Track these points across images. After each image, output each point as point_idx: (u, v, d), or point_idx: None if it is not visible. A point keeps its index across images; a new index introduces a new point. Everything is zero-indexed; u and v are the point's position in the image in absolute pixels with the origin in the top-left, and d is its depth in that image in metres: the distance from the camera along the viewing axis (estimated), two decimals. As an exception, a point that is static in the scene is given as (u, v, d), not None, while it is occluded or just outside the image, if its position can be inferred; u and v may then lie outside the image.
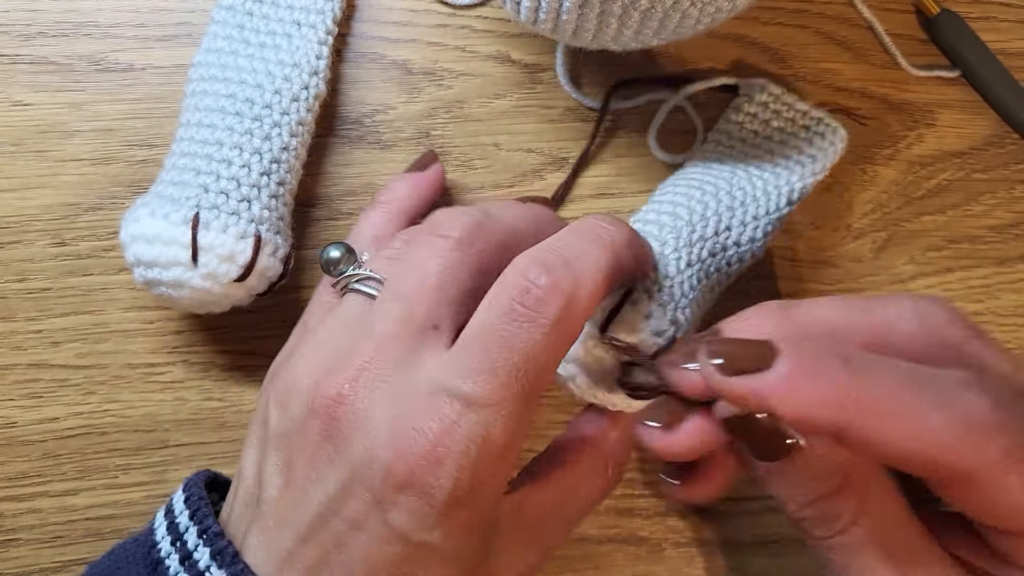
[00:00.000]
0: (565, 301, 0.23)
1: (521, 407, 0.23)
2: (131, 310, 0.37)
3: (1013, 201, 0.41)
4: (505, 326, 0.23)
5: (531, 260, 0.24)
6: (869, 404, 0.20)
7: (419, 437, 0.22)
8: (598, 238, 0.25)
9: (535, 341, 0.23)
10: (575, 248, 0.24)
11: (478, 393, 0.22)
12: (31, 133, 0.38)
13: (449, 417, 0.22)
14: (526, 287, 0.23)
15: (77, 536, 0.36)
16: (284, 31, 0.37)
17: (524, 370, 0.23)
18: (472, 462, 0.22)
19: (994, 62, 0.41)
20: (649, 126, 0.40)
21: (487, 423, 0.22)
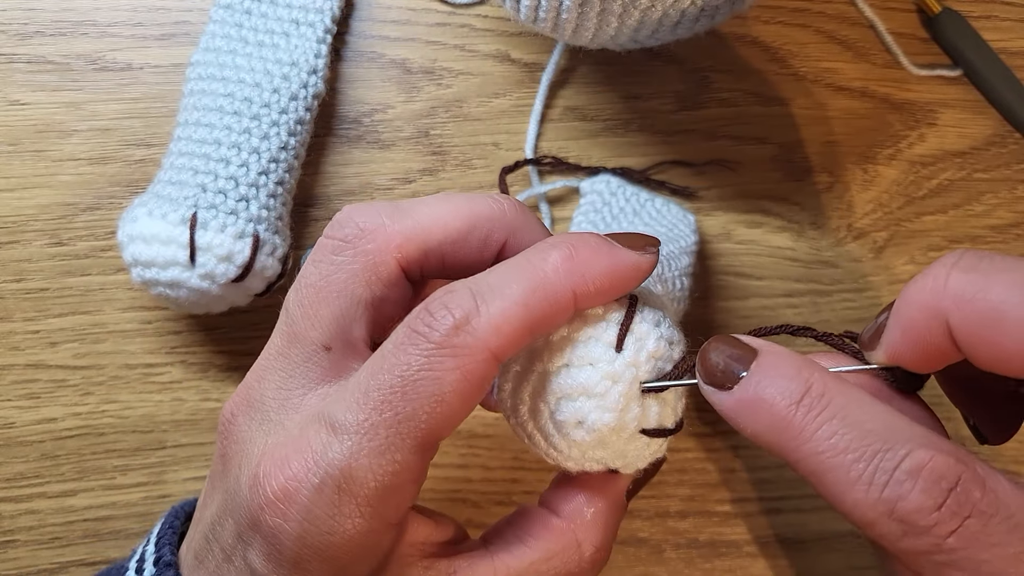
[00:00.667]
0: (454, 325, 0.20)
1: (396, 439, 0.19)
2: (129, 310, 0.37)
3: (1015, 201, 0.41)
4: (390, 351, 0.20)
5: (442, 289, 0.21)
6: (979, 304, 0.20)
7: (277, 470, 0.20)
8: (529, 265, 0.21)
9: (415, 364, 0.20)
10: (495, 275, 0.21)
11: (345, 419, 0.20)
12: (29, 133, 0.38)
13: (313, 447, 0.20)
14: (419, 313, 0.20)
15: (75, 537, 0.36)
16: (282, 30, 0.36)
17: (401, 394, 0.19)
18: (330, 500, 0.19)
19: (996, 61, 0.41)
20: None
21: (351, 453, 0.19)
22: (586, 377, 0.22)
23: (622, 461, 0.23)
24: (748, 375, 0.21)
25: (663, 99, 0.40)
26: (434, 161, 0.39)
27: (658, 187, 0.39)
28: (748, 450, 0.37)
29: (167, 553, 0.24)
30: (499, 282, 0.21)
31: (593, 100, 0.40)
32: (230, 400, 0.23)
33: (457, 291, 0.21)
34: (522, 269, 0.21)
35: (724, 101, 0.40)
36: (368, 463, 0.19)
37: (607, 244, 0.22)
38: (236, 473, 0.21)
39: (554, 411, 0.22)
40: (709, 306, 0.39)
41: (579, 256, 0.21)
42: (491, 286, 0.21)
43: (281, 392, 0.22)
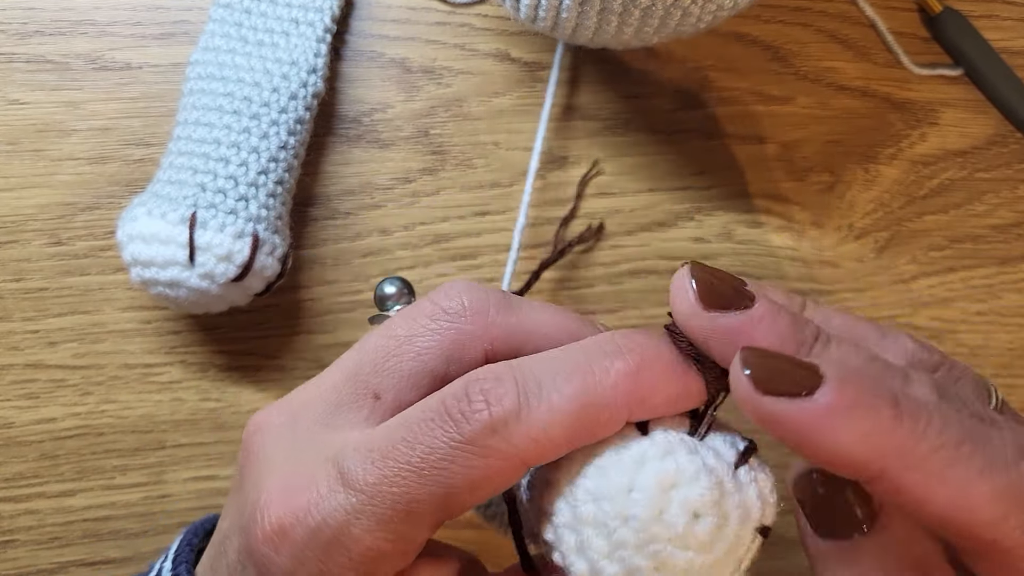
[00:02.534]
0: (490, 425, 0.19)
1: (401, 515, 0.19)
2: (128, 310, 0.37)
3: (1016, 200, 0.41)
4: (421, 422, 0.19)
5: (487, 370, 0.20)
6: (913, 457, 0.18)
7: (280, 502, 0.20)
8: (588, 372, 0.19)
9: (439, 451, 0.19)
10: (547, 370, 0.20)
11: (357, 475, 0.19)
12: (28, 132, 0.38)
13: (320, 490, 0.19)
14: (457, 394, 0.19)
15: (75, 537, 0.36)
16: (282, 29, 0.36)
17: (417, 475, 0.19)
18: (321, 548, 0.19)
19: (997, 61, 0.41)
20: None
21: (354, 511, 0.19)
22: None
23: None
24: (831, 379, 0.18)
25: (663, 98, 0.40)
26: (434, 160, 0.39)
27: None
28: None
29: (183, 572, 0.24)
30: (550, 382, 0.19)
31: (593, 99, 0.40)
32: (261, 413, 0.23)
33: (503, 381, 0.19)
34: (579, 374, 0.19)
35: (724, 100, 0.40)
36: (367, 525, 0.19)
37: (679, 367, 0.20)
38: (248, 490, 0.21)
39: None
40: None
41: (644, 374, 0.19)
42: (540, 385, 0.19)
43: (318, 424, 0.22)
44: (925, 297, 0.39)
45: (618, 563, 0.19)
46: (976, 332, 0.39)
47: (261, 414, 0.22)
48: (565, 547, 0.20)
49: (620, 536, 0.19)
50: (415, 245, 0.38)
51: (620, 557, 0.19)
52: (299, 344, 0.37)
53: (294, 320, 0.37)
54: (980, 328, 0.39)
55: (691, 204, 0.39)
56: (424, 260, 0.38)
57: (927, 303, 0.39)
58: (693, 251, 0.39)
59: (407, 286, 0.27)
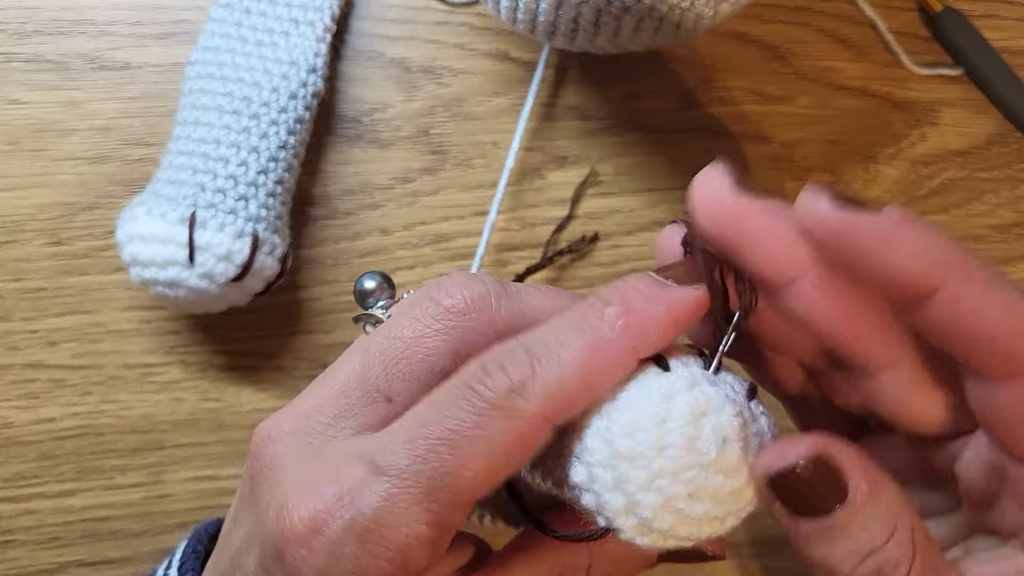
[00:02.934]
0: (510, 388, 0.19)
1: (437, 491, 0.19)
2: (128, 310, 0.37)
3: (1016, 200, 0.40)
4: (445, 400, 0.20)
5: (494, 348, 0.21)
6: (970, 270, 0.19)
7: (307, 500, 0.19)
8: (586, 325, 0.20)
9: (468, 421, 0.19)
10: (550, 334, 0.21)
11: (388, 460, 0.19)
12: (27, 132, 0.38)
13: (349, 482, 0.19)
14: (474, 370, 0.20)
15: (74, 537, 0.35)
16: (282, 29, 0.36)
17: (450, 447, 0.19)
18: (356, 542, 0.19)
19: (997, 60, 0.41)
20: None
21: (388, 496, 0.19)
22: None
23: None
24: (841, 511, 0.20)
25: (663, 98, 0.40)
26: (434, 160, 0.39)
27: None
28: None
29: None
30: (555, 343, 0.20)
31: (592, 99, 0.40)
32: (270, 420, 0.22)
33: (513, 351, 0.20)
34: (578, 329, 0.20)
35: (724, 100, 0.40)
36: (405, 509, 0.19)
37: (659, 286, 0.21)
38: (266, 500, 0.21)
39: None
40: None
41: (634, 307, 0.20)
42: (547, 346, 0.20)
43: (330, 428, 0.21)
44: (925, 297, 0.39)
45: (655, 492, 0.20)
46: (976, 332, 0.39)
47: (269, 423, 0.22)
48: (600, 485, 0.20)
49: (657, 466, 0.20)
50: (415, 245, 0.38)
51: (657, 487, 0.20)
52: (299, 344, 0.37)
53: (294, 320, 0.37)
54: (980, 328, 0.39)
55: (691, 204, 0.39)
56: (424, 260, 0.38)
57: (927, 303, 0.39)
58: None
59: (387, 280, 0.26)
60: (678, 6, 0.30)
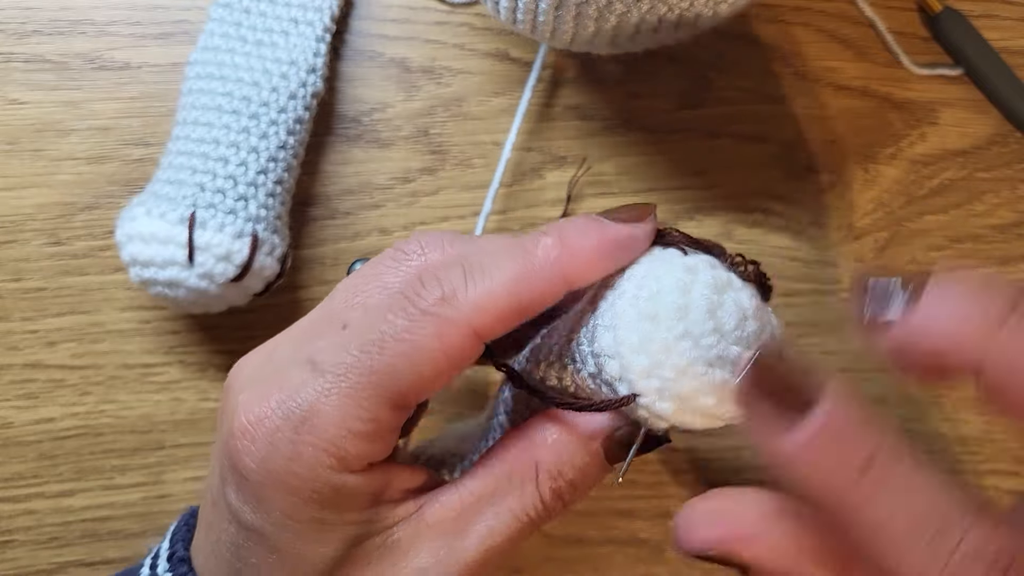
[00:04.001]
0: (441, 297, 0.21)
1: (367, 388, 0.20)
2: (127, 310, 0.37)
3: (1016, 200, 0.40)
4: (382, 307, 0.21)
5: (431, 262, 0.23)
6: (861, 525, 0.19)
7: (254, 402, 0.21)
8: (521, 250, 0.22)
9: (399, 326, 0.21)
10: (488, 253, 0.22)
11: (326, 360, 0.21)
12: (27, 132, 0.38)
13: (291, 383, 0.21)
14: (410, 280, 0.22)
15: (74, 537, 0.35)
16: (281, 28, 0.36)
17: (379, 349, 0.20)
18: (291, 432, 0.20)
19: (997, 60, 0.41)
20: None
21: (323, 391, 0.20)
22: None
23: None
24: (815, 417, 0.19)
25: (663, 98, 0.40)
26: (433, 160, 0.39)
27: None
28: (749, 450, 0.37)
29: (180, 549, 0.24)
30: (491, 263, 0.22)
31: (592, 99, 0.40)
32: (242, 358, 0.24)
33: (451, 265, 0.22)
34: (514, 254, 0.22)
35: (724, 100, 0.40)
36: (337, 403, 0.20)
37: (595, 222, 0.22)
38: (226, 413, 0.22)
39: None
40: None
41: (568, 239, 0.22)
42: (483, 266, 0.21)
43: (291, 350, 0.23)
44: (925, 297, 0.39)
45: (677, 355, 0.21)
46: (976, 332, 0.39)
47: (242, 359, 0.24)
48: (626, 347, 0.21)
49: (681, 328, 0.21)
50: (414, 245, 0.38)
51: (681, 349, 0.21)
52: (298, 344, 0.37)
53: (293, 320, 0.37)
54: (980, 328, 0.39)
55: (691, 204, 0.39)
56: (423, 260, 0.38)
57: (927, 303, 0.39)
58: (693, 251, 0.39)
59: None
60: (677, 6, 0.30)
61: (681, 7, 0.30)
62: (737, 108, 0.40)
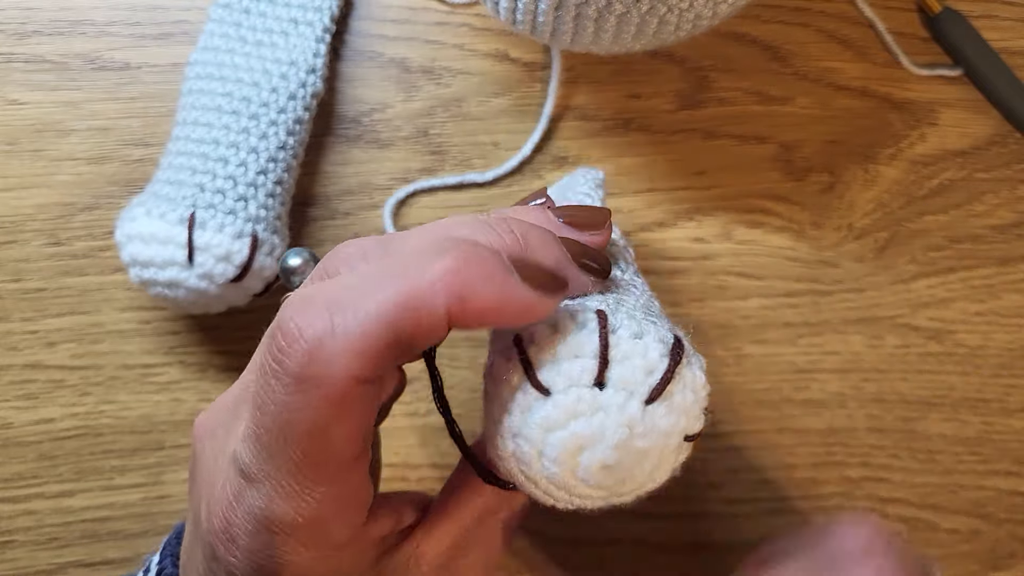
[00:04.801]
0: (307, 352, 0.18)
1: (302, 483, 0.19)
2: (127, 310, 0.37)
3: (1016, 200, 0.40)
4: (259, 383, 0.19)
5: (292, 299, 0.19)
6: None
7: (217, 508, 0.20)
8: (405, 272, 0.18)
9: (281, 402, 0.18)
10: (361, 277, 0.19)
11: (249, 466, 0.19)
12: (27, 132, 0.38)
13: (235, 490, 0.20)
14: (273, 333, 0.19)
15: (73, 538, 0.35)
16: (281, 29, 0.36)
17: (283, 439, 0.19)
18: (266, 542, 0.20)
19: (996, 60, 0.41)
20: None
21: (267, 500, 0.19)
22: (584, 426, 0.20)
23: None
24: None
25: (663, 99, 0.40)
26: (433, 160, 0.39)
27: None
28: (749, 451, 0.37)
29: (168, 565, 0.24)
30: (363, 288, 0.18)
31: (593, 99, 0.40)
32: (200, 416, 0.23)
33: (311, 302, 0.18)
34: (395, 275, 0.18)
35: (724, 100, 0.40)
36: (286, 507, 0.19)
37: (503, 272, 0.19)
38: (196, 495, 0.22)
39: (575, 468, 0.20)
40: (709, 306, 0.38)
41: (467, 273, 0.18)
42: (352, 295, 0.18)
43: (233, 423, 0.22)
44: (925, 297, 0.39)
45: (544, 481, 0.21)
46: (976, 332, 0.39)
47: (201, 417, 0.23)
48: (514, 459, 0.21)
49: (540, 471, 0.20)
50: (414, 245, 0.38)
51: (545, 478, 0.21)
52: (298, 344, 0.37)
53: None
54: (980, 328, 0.39)
55: (691, 204, 0.39)
56: (423, 260, 0.38)
57: (927, 303, 0.39)
58: (693, 251, 0.39)
59: (313, 257, 0.25)
60: (677, 6, 0.30)
61: (681, 7, 0.30)
62: (737, 108, 0.40)
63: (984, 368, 0.39)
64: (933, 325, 0.39)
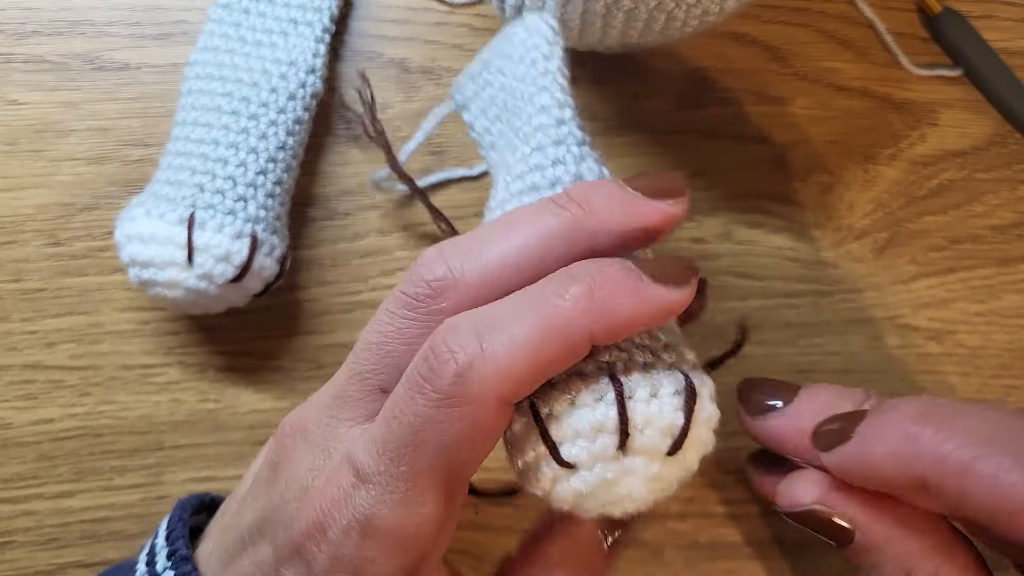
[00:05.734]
0: (458, 372, 0.19)
1: (415, 492, 0.20)
2: (126, 311, 0.37)
3: (1016, 201, 0.40)
4: (402, 397, 0.20)
5: (446, 325, 0.21)
6: (945, 459, 0.20)
7: (316, 502, 0.21)
8: (545, 302, 0.20)
9: (423, 416, 0.20)
10: (505, 307, 0.20)
11: (367, 467, 0.20)
12: (26, 132, 0.38)
13: (343, 487, 0.21)
14: (425, 355, 0.20)
15: (73, 538, 0.35)
16: (280, 29, 0.36)
17: (414, 448, 0.20)
18: (355, 543, 0.20)
19: (996, 61, 0.41)
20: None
21: (375, 501, 0.20)
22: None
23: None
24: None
25: (663, 99, 0.40)
26: (433, 161, 0.39)
27: None
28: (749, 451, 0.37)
29: (181, 547, 0.25)
30: (508, 318, 0.20)
31: (593, 100, 0.40)
32: (291, 415, 0.24)
33: (461, 329, 0.20)
34: (536, 305, 0.20)
35: (724, 101, 0.40)
36: (390, 513, 0.20)
37: (634, 279, 0.20)
38: (282, 489, 0.22)
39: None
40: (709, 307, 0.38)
41: (600, 293, 0.20)
42: (499, 322, 0.20)
43: (332, 423, 0.23)
44: (924, 298, 0.39)
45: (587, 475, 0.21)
46: (975, 333, 0.39)
47: (288, 419, 0.24)
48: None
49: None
50: (414, 246, 0.38)
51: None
52: (297, 345, 0.37)
53: (292, 321, 0.37)
54: (979, 329, 0.39)
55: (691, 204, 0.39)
56: (423, 261, 0.38)
57: (926, 304, 0.39)
58: (693, 251, 0.39)
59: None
60: (684, 2, 0.29)
61: (688, 3, 0.29)
62: (737, 109, 0.40)
63: (984, 368, 0.39)
64: (933, 325, 0.39)
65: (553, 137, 0.25)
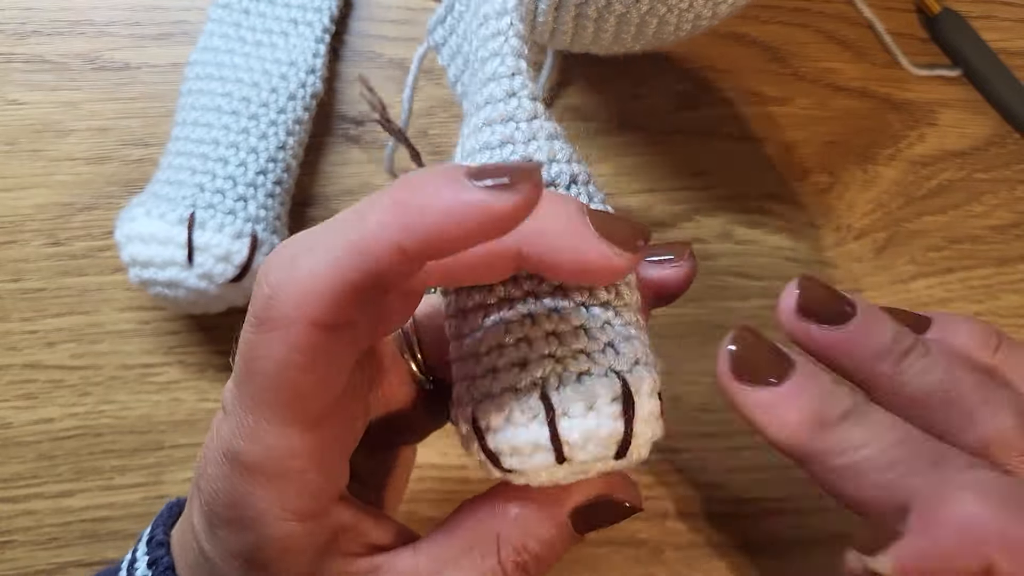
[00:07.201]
0: (269, 296, 0.19)
1: (261, 421, 0.20)
2: (126, 310, 0.37)
3: (1015, 201, 0.41)
4: (243, 331, 0.20)
5: (268, 257, 0.20)
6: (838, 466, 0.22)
7: (205, 443, 0.22)
8: (353, 218, 0.19)
9: (250, 344, 0.20)
10: (320, 229, 0.20)
11: (225, 400, 0.21)
12: (26, 132, 0.38)
13: (215, 424, 0.21)
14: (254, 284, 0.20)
15: (73, 538, 0.35)
16: (281, 29, 0.36)
17: (247, 376, 0.20)
18: (227, 475, 0.20)
19: (995, 61, 0.41)
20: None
21: (231, 435, 0.20)
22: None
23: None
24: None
25: (663, 99, 0.40)
26: (432, 161, 0.39)
27: None
28: (749, 450, 0.37)
29: (160, 533, 0.25)
30: (319, 239, 0.19)
31: (592, 100, 0.40)
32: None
33: (277, 255, 0.19)
34: (345, 222, 0.19)
35: (724, 101, 0.40)
36: (247, 445, 0.20)
37: (454, 182, 0.18)
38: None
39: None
40: (709, 307, 0.38)
41: (414, 201, 0.18)
42: (312, 245, 0.19)
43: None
44: (924, 298, 0.39)
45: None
46: (975, 332, 0.39)
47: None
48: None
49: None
50: (414, 245, 0.38)
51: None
52: (298, 344, 0.37)
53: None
54: (979, 328, 0.39)
55: (690, 204, 0.39)
56: (423, 260, 0.38)
57: (926, 303, 0.39)
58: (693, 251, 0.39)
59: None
60: (676, 6, 0.30)
61: (680, 7, 0.30)
62: (736, 109, 0.40)
63: (983, 368, 0.39)
64: (932, 325, 0.39)
65: (501, 112, 0.23)
